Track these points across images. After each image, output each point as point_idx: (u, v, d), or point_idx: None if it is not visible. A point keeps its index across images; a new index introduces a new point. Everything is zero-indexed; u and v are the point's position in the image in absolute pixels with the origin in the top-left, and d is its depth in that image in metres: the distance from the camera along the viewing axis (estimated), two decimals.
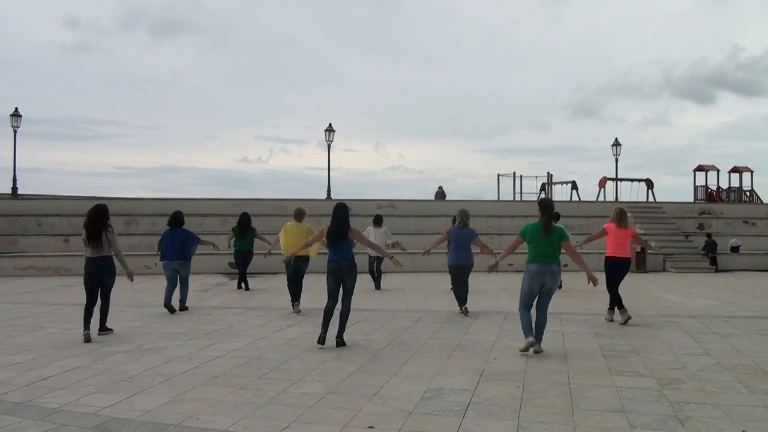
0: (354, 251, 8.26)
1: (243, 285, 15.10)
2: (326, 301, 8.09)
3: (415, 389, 5.85)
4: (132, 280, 9.05)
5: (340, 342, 7.91)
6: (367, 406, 5.36)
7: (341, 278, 8.02)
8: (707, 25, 73.26)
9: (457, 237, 10.85)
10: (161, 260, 11.47)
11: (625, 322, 9.52)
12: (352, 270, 8.06)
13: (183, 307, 11.32)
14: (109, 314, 8.94)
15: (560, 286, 14.59)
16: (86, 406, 5.41)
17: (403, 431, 4.71)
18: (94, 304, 8.74)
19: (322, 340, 7.85)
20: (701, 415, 5.07)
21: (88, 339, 8.30)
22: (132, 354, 7.53)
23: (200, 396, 5.70)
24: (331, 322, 7.97)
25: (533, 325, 7.54)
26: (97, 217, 8.74)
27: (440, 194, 30.91)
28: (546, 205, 7.93)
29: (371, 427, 4.81)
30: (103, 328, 8.81)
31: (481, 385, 6.04)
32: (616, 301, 9.86)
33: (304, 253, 10.71)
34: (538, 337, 7.54)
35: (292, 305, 11.01)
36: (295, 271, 10.97)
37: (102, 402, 5.50)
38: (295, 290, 11.06)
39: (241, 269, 15.22)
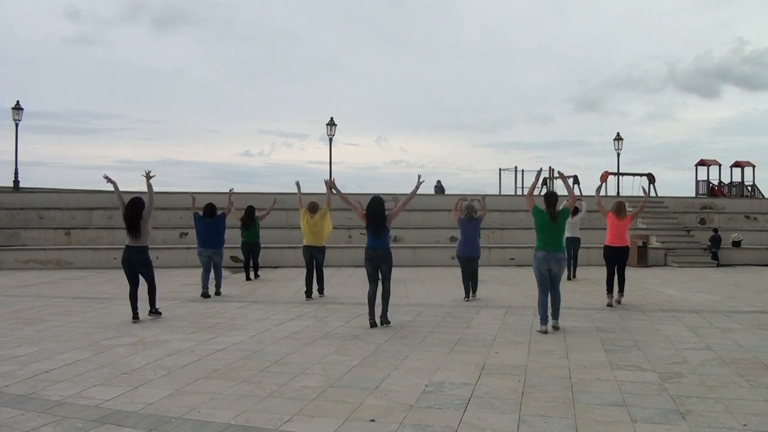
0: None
1: (251, 275, 15.54)
2: (367, 288, 9.06)
3: (417, 383, 5.87)
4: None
5: (385, 321, 8.82)
6: (369, 399, 5.37)
7: (377, 265, 8.87)
8: (712, 18, 73.16)
9: (466, 229, 11.66)
10: (198, 248, 12.35)
11: (608, 305, 10.83)
12: (388, 258, 8.90)
13: (218, 292, 12.30)
14: (156, 297, 9.77)
15: (575, 276, 14.93)
16: (88, 398, 5.43)
17: (404, 425, 4.72)
18: (137, 289, 9.49)
19: (373, 324, 8.72)
20: (702, 409, 5.07)
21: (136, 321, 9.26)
22: (134, 347, 7.55)
23: (202, 389, 5.71)
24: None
25: (549, 313, 8.49)
26: (135, 209, 9.31)
27: (439, 188, 30.85)
28: (547, 196, 8.82)
29: (373, 420, 4.82)
30: (152, 310, 9.60)
31: (482, 378, 6.05)
32: (608, 285, 11.00)
33: (319, 243, 11.67)
34: (555, 314, 8.53)
35: (306, 295, 11.73)
36: (310, 260, 11.72)
37: (104, 395, 5.52)
38: (310, 281, 11.74)
39: (246, 261, 15.69)
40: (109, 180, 9.75)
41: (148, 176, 9.53)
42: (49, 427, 4.72)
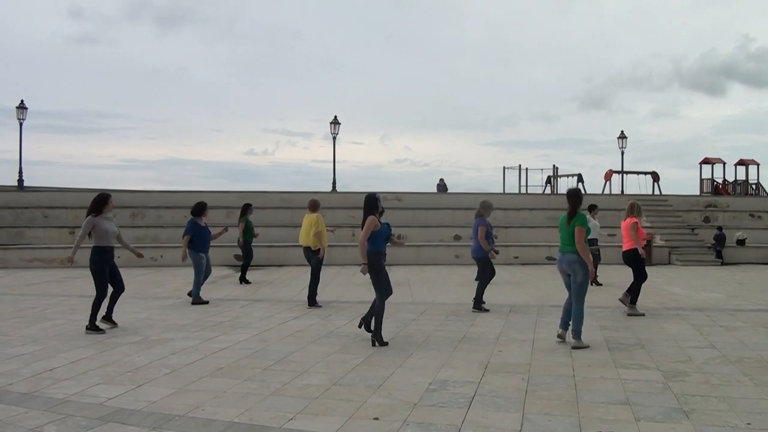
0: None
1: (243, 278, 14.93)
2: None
3: (420, 381, 5.86)
4: (69, 263, 8.69)
5: (378, 341, 7.58)
6: (372, 397, 5.37)
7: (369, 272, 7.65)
8: (717, 15, 72.95)
9: (473, 227, 10.74)
10: (198, 252, 11.32)
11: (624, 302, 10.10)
12: (372, 263, 7.53)
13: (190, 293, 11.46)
14: (114, 308, 8.84)
15: (599, 283, 13.96)
16: (92, 396, 5.44)
17: (408, 423, 4.71)
18: (113, 293, 8.76)
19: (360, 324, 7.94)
20: (706, 408, 5.06)
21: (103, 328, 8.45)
22: (138, 345, 7.56)
23: (206, 387, 5.72)
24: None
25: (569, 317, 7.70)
26: (89, 207, 8.65)
27: (442, 187, 30.79)
28: (568, 195, 8.01)
29: (376, 418, 4.82)
30: (106, 317, 8.68)
31: (486, 377, 6.04)
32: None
33: (314, 243, 10.75)
34: (565, 325, 7.71)
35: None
36: (308, 261, 10.94)
37: (108, 393, 5.53)
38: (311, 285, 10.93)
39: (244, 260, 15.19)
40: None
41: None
42: (52, 425, 4.73)
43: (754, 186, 33.31)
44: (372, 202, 7.70)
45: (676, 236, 22.38)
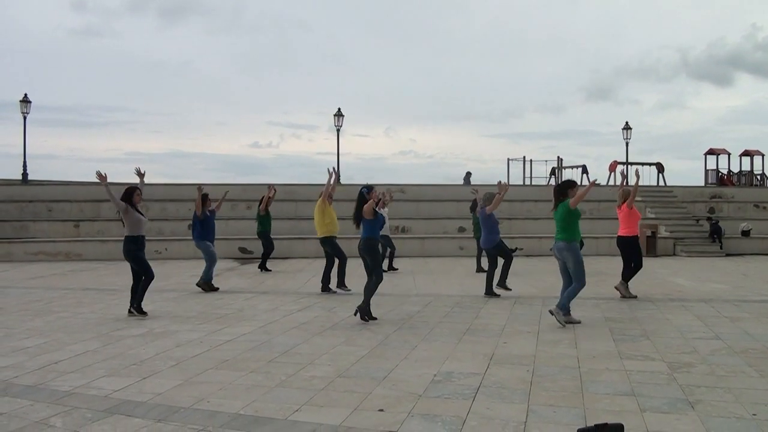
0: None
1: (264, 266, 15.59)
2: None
3: (425, 373, 5.87)
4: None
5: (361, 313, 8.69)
6: (377, 389, 5.37)
7: (362, 256, 9.02)
8: (724, 4, 72.27)
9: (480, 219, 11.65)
10: (207, 241, 11.95)
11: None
12: (368, 248, 8.88)
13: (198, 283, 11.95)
14: (142, 298, 9.23)
15: None
16: (98, 389, 5.46)
17: (413, 414, 4.72)
18: (135, 283, 9.27)
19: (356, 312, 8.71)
20: (711, 399, 5.05)
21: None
22: (143, 338, 7.58)
23: (211, 379, 5.73)
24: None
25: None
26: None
27: (467, 180, 30.80)
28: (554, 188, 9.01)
29: (381, 410, 4.83)
30: (131, 308, 9.14)
31: (491, 368, 6.04)
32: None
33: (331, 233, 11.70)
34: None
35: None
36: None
37: (113, 385, 5.55)
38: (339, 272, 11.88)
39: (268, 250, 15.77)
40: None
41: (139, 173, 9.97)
42: (58, 417, 4.75)
43: (759, 177, 33.16)
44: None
45: (680, 227, 22.31)
